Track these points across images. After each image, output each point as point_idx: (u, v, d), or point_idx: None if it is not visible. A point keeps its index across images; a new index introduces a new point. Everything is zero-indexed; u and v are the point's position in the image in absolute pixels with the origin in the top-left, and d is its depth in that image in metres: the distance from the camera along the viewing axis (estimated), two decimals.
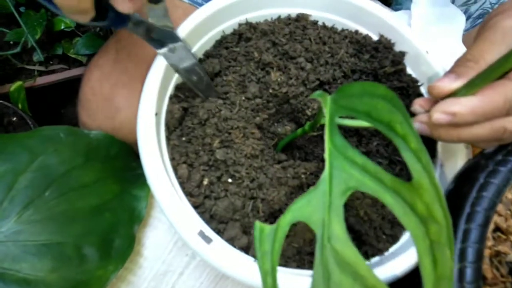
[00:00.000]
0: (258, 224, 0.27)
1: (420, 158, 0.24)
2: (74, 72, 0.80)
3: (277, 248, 0.26)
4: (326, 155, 0.29)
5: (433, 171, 0.24)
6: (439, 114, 0.32)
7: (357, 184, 0.27)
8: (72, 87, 0.80)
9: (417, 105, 0.37)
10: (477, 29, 0.39)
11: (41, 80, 0.78)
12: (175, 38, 0.40)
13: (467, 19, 0.67)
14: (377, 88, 0.28)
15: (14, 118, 0.71)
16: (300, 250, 0.38)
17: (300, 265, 0.38)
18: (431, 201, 0.24)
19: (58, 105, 0.91)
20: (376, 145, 0.41)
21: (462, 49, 0.62)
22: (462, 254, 0.32)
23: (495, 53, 0.33)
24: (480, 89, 0.31)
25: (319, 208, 0.27)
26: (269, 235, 0.27)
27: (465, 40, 0.62)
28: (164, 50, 0.40)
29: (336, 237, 0.26)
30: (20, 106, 0.72)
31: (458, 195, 0.36)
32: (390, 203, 0.25)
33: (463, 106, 0.31)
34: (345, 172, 0.28)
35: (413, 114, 0.38)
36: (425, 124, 0.35)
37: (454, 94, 0.33)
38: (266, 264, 0.26)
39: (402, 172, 0.41)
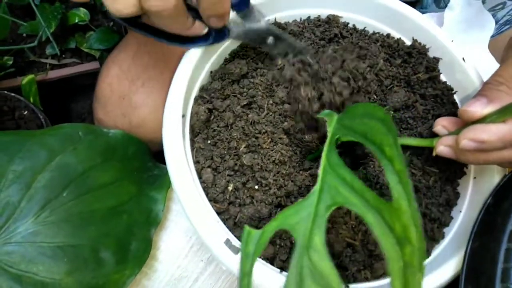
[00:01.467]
0: (247, 227, 0.29)
1: (402, 180, 0.25)
2: (87, 66, 0.78)
3: (258, 251, 0.28)
4: (320, 171, 0.31)
5: (412, 193, 0.24)
6: (468, 141, 0.32)
7: (343, 201, 0.28)
8: (83, 81, 0.79)
9: (440, 125, 0.37)
10: (508, 44, 0.38)
11: (53, 74, 0.76)
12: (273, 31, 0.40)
13: None
14: (377, 110, 0.29)
15: (26, 112, 0.69)
16: None
17: None
18: (407, 222, 0.24)
19: (69, 99, 0.90)
20: (409, 155, 0.40)
21: (488, 56, 0.61)
22: (505, 274, 0.31)
23: None
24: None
25: (304, 219, 0.28)
26: (254, 238, 0.29)
27: (490, 46, 0.61)
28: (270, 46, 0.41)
29: (314, 248, 0.27)
30: (31, 99, 0.70)
31: (498, 211, 0.34)
32: (371, 222, 0.26)
33: (493, 134, 0.31)
34: (334, 188, 0.29)
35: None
36: (450, 148, 0.35)
37: (484, 117, 0.33)
38: (247, 266, 0.27)
39: (436, 184, 0.40)
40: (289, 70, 0.41)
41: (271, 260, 0.36)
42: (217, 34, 0.38)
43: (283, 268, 0.35)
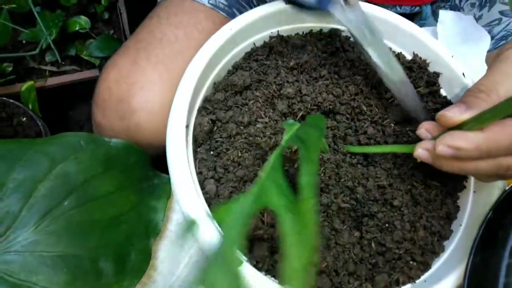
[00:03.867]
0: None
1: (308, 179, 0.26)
2: (86, 74, 0.78)
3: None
4: (262, 175, 0.31)
5: (313, 196, 0.25)
6: (444, 147, 0.32)
7: (268, 202, 0.29)
8: (82, 89, 0.79)
9: (423, 129, 0.37)
10: (494, 54, 0.39)
11: (52, 81, 0.76)
12: None
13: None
14: (320, 120, 0.31)
15: (24, 119, 0.69)
16: None
17: None
18: (307, 222, 0.25)
19: (67, 106, 0.90)
20: (410, 168, 0.40)
21: (485, 70, 0.61)
22: None
23: (509, 85, 0.33)
24: (489, 125, 0.31)
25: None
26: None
27: (487, 61, 0.61)
28: None
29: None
30: (30, 106, 0.70)
31: (499, 226, 0.34)
32: (284, 220, 0.26)
33: (469, 142, 0.31)
34: (265, 190, 0.29)
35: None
36: (428, 152, 0.35)
37: (462, 124, 0.32)
38: None
39: (437, 197, 0.40)
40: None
41: (272, 271, 0.36)
42: None
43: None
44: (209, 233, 0.33)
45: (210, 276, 0.26)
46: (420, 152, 0.35)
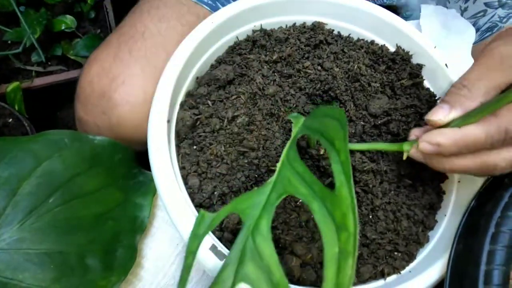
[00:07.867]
0: (202, 211, 0.30)
1: (345, 170, 0.26)
2: (73, 74, 0.78)
3: (207, 232, 0.29)
4: (279, 164, 0.33)
5: (352, 182, 0.25)
6: (425, 143, 0.34)
7: (293, 190, 0.29)
8: (69, 89, 0.78)
9: (413, 135, 0.38)
10: (481, 47, 0.39)
11: (39, 81, 0.75)
12: None
13: (475, 32, 0.67)
14: (334, 111, 0.31)
15: (10, 120, 0.69)
16: None
17: None
18: (346, 210, 0.25)
19: (54, 107, 0.89)
20: (392, 159, 0.40)
21: (470, 62, 0.62)
22: (487, 276, 0.31)
23: (491, 80, 0.34)
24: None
25: (255, 205, 0.30)
26: (206, 221, 0.30)
27: (473, 53, 0.62)
28: None
29: (259, 231, 0.28)
30: (16, 107, 0.69)
31: (481, 214, 0.35)
32: (315, 210, 0.27)
33: (447, 138, 0.33)
34: (287, 179, 0.30)
35: None
36: (420, 154, 0.36)
37: (449, 123, 0.34)
38: (193, 245, 0.29)
39: (419, 186, 0.40)
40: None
41: None
42: None
43: None
44: (187, 222, 0.34)
45: (244, 272, 0.26)
46: (414, 152, 0.36)
